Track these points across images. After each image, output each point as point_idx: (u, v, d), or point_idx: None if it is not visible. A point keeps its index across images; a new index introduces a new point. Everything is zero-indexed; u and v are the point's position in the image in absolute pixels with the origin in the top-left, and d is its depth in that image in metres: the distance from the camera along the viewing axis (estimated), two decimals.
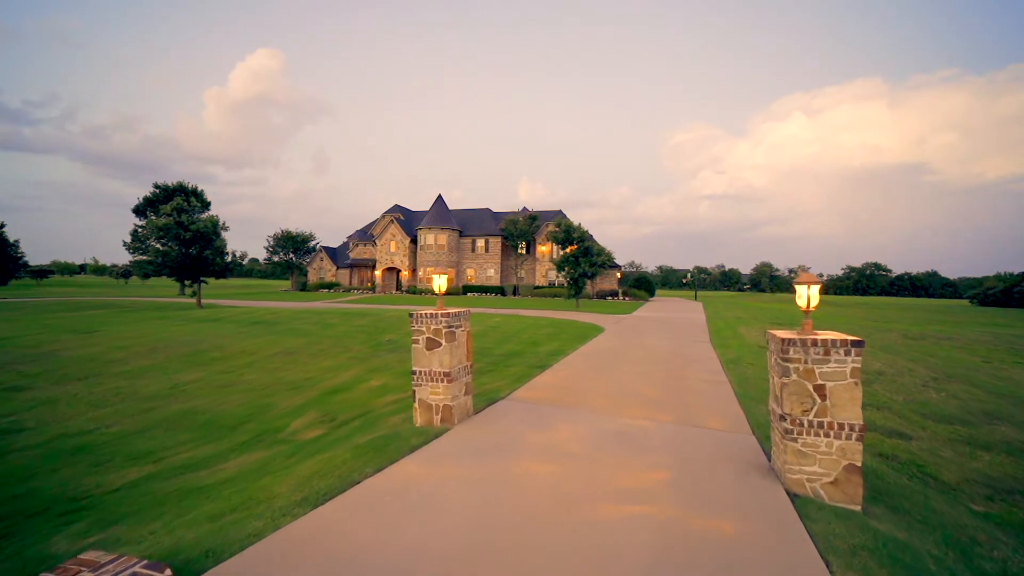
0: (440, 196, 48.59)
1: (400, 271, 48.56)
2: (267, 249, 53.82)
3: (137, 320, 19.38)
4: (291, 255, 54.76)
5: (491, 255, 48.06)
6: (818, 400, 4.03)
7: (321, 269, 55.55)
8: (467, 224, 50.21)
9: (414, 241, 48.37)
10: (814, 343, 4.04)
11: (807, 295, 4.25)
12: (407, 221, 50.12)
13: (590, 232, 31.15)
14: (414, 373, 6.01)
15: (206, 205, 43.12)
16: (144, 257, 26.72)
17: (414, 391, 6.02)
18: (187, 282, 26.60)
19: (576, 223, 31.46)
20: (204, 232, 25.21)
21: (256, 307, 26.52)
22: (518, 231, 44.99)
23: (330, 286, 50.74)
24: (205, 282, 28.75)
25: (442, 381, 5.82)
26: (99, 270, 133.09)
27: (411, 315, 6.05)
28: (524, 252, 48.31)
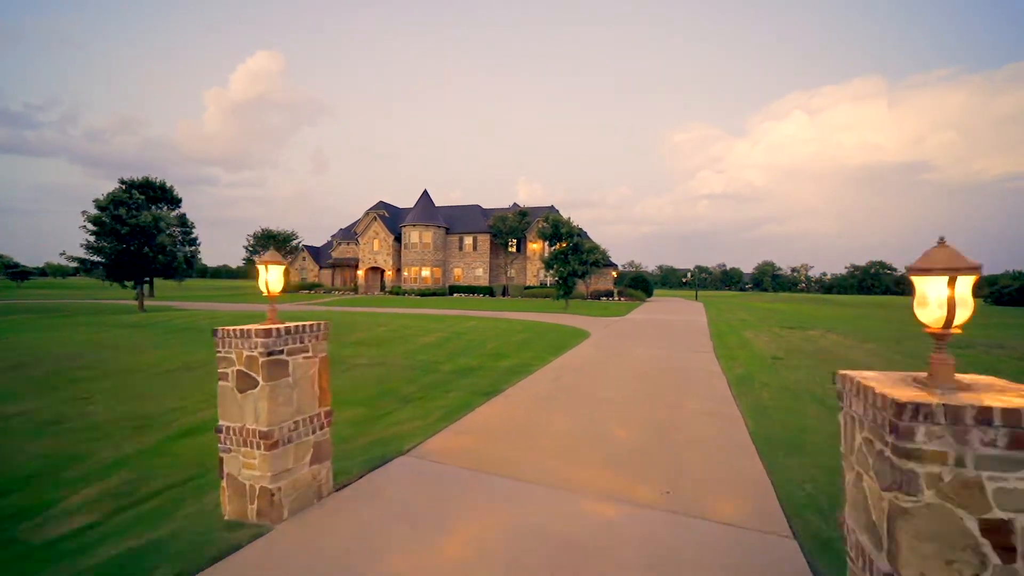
0: (426, 191, 46.20)
1: (384, 271, 46.15)
2: (246, 249, 51.40)
3: (58, 326, 16.98)
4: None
5: (479, 254, 45.64)
6: (994, 562, 1.62)
7: (303, 269, 53.13)
8: (455, 221, 47.82)
9: (398, 239, 45.96)
10: (983, 418, 1.63)
11: (948, 298, 1.82)
12: (392, 219, 47.73)
13: (582, 228, 28.74)
14: (219, 431, 3.60)
15: (176, 201, 40.85)
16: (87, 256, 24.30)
17: (221, 460, 3.62)
18: (128, 283, 24.17)
19: (566, 217, 29.06)
20: (144, 227, 22.82)
21: (205, 310, 24.13)
22: (507, 228, 42.59)
23: (311, 287, 48.34)
24: (147, 282, 26.33)
25: (259, 446, 3.41)
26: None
27: (215, 333, 3.63)
28: (514, 250, 45.91)
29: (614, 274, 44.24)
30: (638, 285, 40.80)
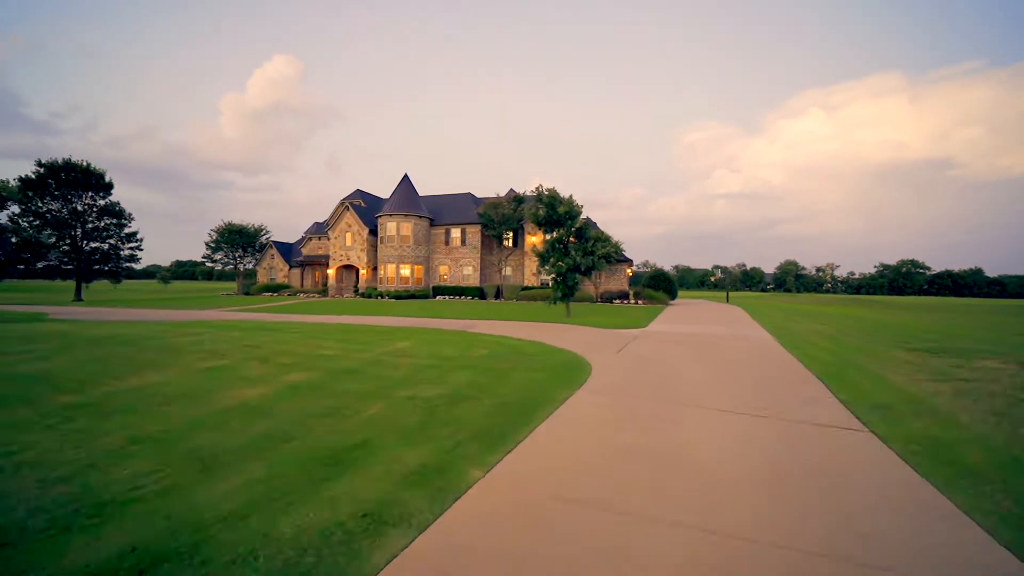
0: (406, 176, 39.45)
1: (358, 269, 39.48)
2: (208, 246, 45.27)
3: None
4: (238, 252, 46.16)
5: (468, 249, 38.68)
6: None
7: (272, 268, 46.83)
8: (441, 211, 40.97)
9: (374, 233, 39.26)
10: None
11: None
12: (369, 209, 41.08)
13: (583, 208, 21.55)
14: None
15: (105, 188, 34.65)
16: None
17: None
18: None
19: (567, 196, 21.91)
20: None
21: (111, 319, 17.65)
22: (500, 217, 35.55)
23: (276, 288, 41.94)
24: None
25: None
26: None
27: None
28: (510, 244, 38.86)
29: (629, 272, 36.91)
30: (659, 285, 33.45)
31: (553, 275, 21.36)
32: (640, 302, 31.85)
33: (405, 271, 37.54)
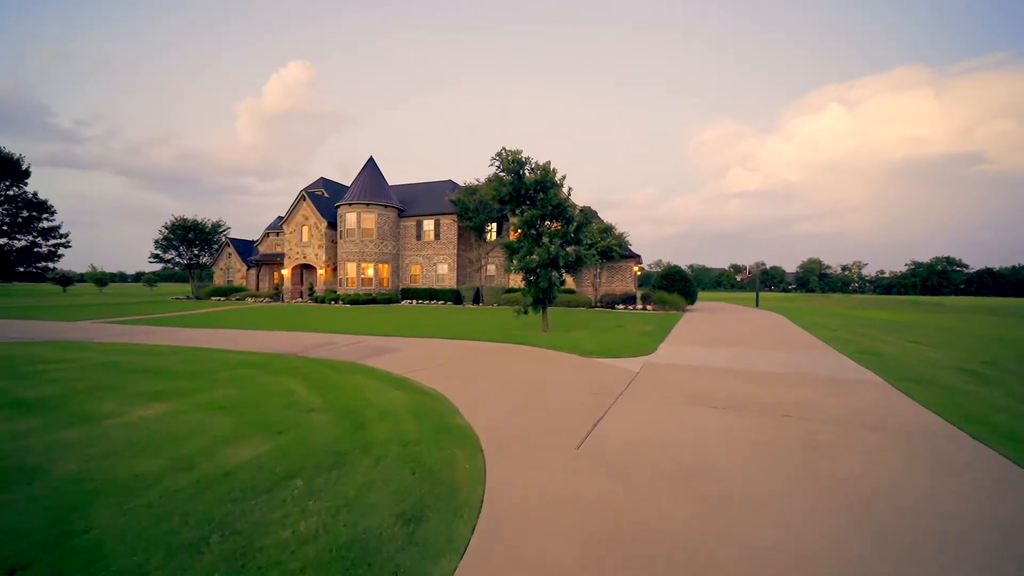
0: (371, 160, 33.55)
1: (316, 269, 33.69)
2: (157, 244, 39.96)
3: None
4: (193, 251, 40.78)
5: (443, 244, 32.57)
6: None
7: (229, 269, 41.37)
8: (414, 201, 34.99)
9: (334, 226, 33.43)
10: None
11: None
12: (332, 200, 35.30)
13: (564, 181, 15.09)
14: None
15: (18, 175, 29.42)
16: None
17: None
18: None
19: (543, 162, 15.58)
20: None
21: None
22: (479, 205, 29.36)
23: (228, 292, 36.39)
24: None
25: None
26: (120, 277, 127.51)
27: None
28: (492, 238, 32.68)
29: (636, 270, 30.39)
30: (673, 286, 26.85)
31: (524, 273, 15.14)
32: (649, 307, 25.35)
33: (368, 271, 31.61)
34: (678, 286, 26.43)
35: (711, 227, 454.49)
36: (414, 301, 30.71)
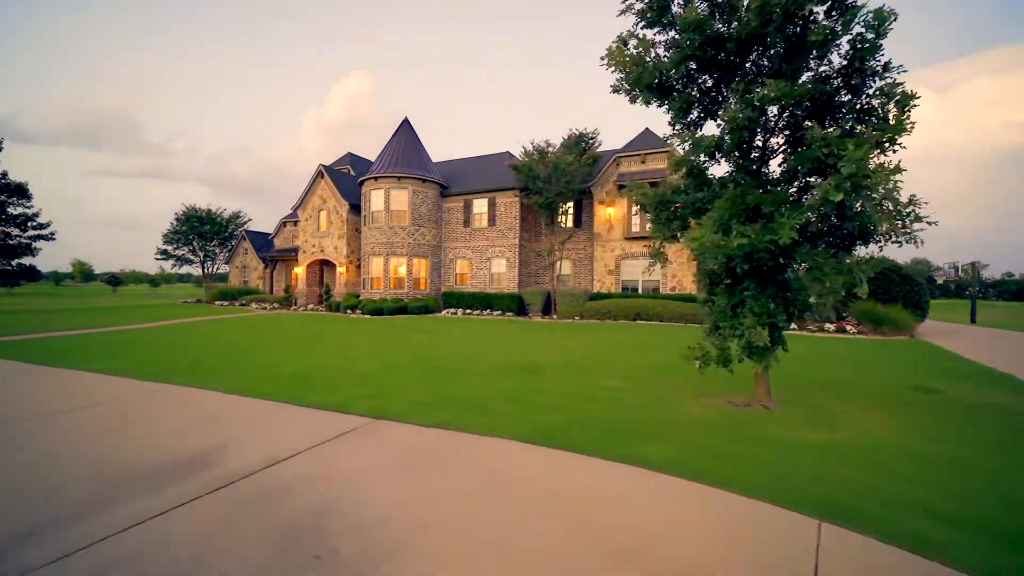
0: (407, 122, 25.47)
1: (337, 265, 26.02)
2: (165, 238, 34.26)
3: None
4: (212, 246, 34.72)
5: (501, 232, 23.72)
6: None
7: (246, 268, 34.98)
8: (460, 177, 26.49)
9: (358, 210, 25.62)
10: None
11: None
12: (355, 181, 27.61)
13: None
14: None
15: None
16: None
17: None
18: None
19: None
20: None
21: None
22: (550, 176, 20.23)
23: (234, 295, 29.67)
24: None
25: None
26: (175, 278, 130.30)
27: None
28: (567, 222, 23.50)
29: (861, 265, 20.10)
30: (891, 292, 15.92)
31: (712, 260, 5.90)
32: (851, 328, 14.92)
33: (399, 268, 23.44)
34: (899, 293, 15.78)
35: None
36: (458, 311, 22.09)
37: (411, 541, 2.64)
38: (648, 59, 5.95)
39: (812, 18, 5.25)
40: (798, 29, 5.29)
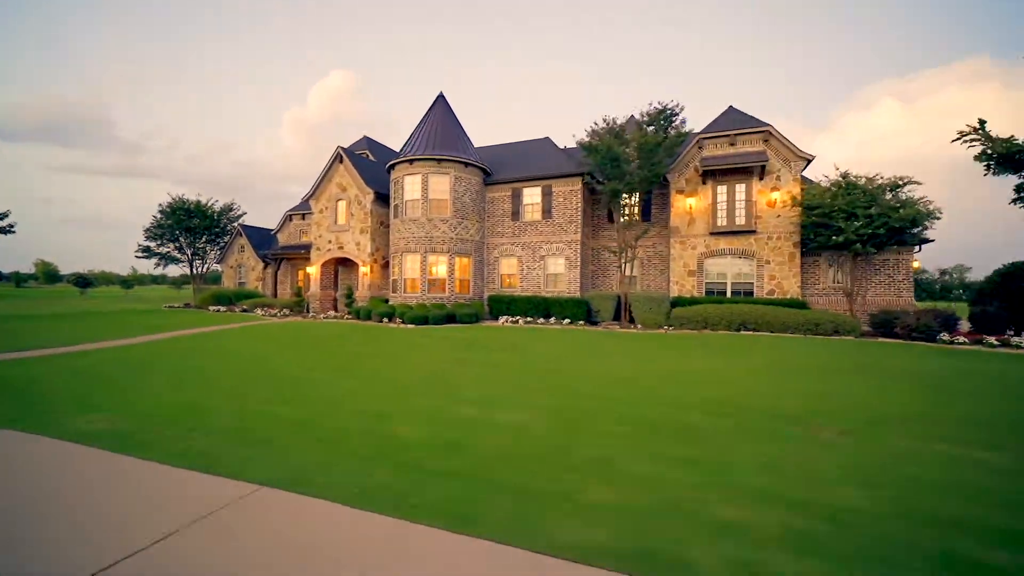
0: (442, 97, 21.94)
1: (359, 265, 22.23)
2: (147, 234, 29.74)
3: None
4: (196, 243, 30.30)
5: (558, 225, 20.36)
6: None
7: (241, 267, 30.71)
8: (505, 163, 23.04)
9: (384, 200, 21.94)
10: None
11: None
12: (379, 168, 23.91)
13: None
14: None
15: None
16: None
17: None
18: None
19: None
20: None
21: None
22: (619, 154, 17.00)
23: (232, 298, 25.49)
24: None
25: None
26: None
27: None
28: (636, 215, 20.35)
29: (915, 264, 17.30)
30: None
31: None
32: (967, 338, 12.06)
33: (439, 267, 19.86)
34: None
35: None
36: (508, 319, 18.59)
37: None
38: None
39: None
40: None
